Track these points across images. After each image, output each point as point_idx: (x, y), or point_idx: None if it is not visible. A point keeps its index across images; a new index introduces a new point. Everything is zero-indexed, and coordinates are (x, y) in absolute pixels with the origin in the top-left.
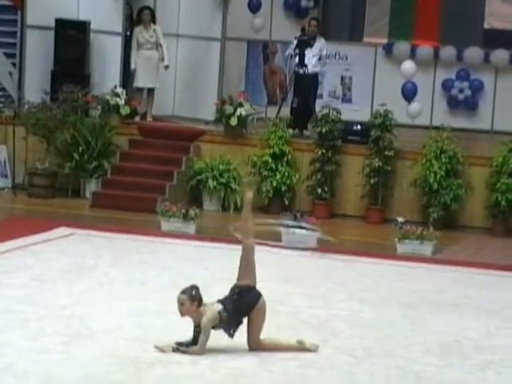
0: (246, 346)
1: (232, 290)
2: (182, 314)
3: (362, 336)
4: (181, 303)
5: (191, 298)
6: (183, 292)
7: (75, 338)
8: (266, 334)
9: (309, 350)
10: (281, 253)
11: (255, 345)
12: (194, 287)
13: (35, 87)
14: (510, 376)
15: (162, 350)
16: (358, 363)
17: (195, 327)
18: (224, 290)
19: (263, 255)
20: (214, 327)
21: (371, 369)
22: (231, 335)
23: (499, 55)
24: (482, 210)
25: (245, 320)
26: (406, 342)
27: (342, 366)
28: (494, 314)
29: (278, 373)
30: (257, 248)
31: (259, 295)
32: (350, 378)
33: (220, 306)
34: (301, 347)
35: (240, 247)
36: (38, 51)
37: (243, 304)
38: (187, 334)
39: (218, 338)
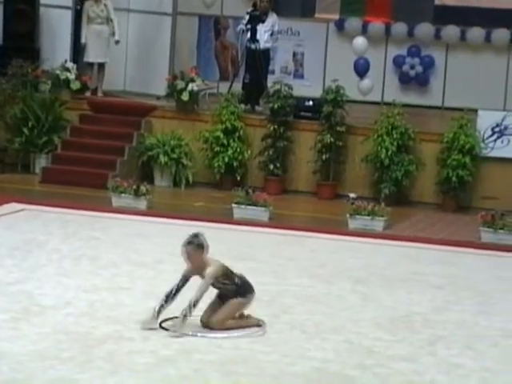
0: (196, 323)
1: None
2: (193, 264)
3: (312, 311)
4: (188, 255)
5: (197, 246)
6: (189, 243)
7: (24, 315)
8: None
9: (257, 325)
10: (232, 229)
11: (217, 325)
12: (198, 234)
13: None
14: (459, 350)
15: (149, 326)
16: (308, 338)
17: (183, 276)
18: (175, 267)
19: (214, 231)
20: (213, 284)
21: (322, 344)
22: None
23: (450, 32)
24: (433, 185)
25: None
26: (356, 317)
27: (292, 341)
28: (443, 288)
29: (229, 348)
30: (208, 225)
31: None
32: (300, 353)
33: (220, 262)
34: (255, 322)
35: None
36: None
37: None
38: (135, 311)
39: (170, 313)
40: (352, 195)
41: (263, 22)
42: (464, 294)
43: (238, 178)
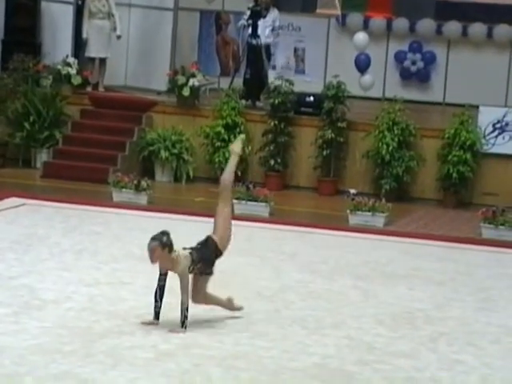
0: (197, 318)
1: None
2: (153, 261)
3: (313, 307)
4: (152, 250)
5: (162, 245)
6: (153, 239)
7: (26, 309)
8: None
9: (237, 309)
10: (232, 224)
11: (202, 299)
12: (165, 233)
13: None
14: (461, 347)
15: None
16: (309, 334)
17: (161, 275)
18: None
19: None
20: (189, 270)
21: (322, 340)
22: (211, 273)
23: (452, 27)
24: (434, 181)
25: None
26: (357, 313)
27: (293, 337)
28: (444, 285)
29: (230, 344)
30: (208, 220)
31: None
32: (301, 349)
33: (188, 251)
34: (229, 305)
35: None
36: None
37: (207, 253)
38: (136, 305)
39: (170, 309)
40: (353, 191)
41: (264, 17)
42: (465, 290)
43: (239, 174)
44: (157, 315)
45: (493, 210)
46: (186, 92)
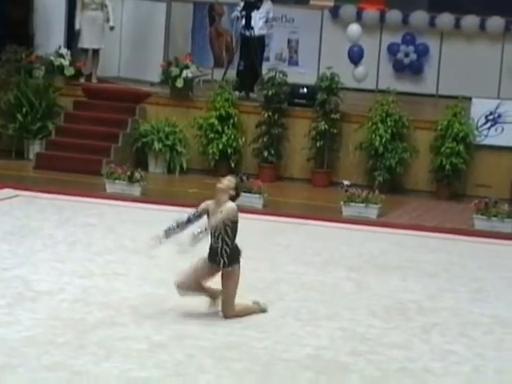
0: (189, 309)
1: None
2: (221, 189)
3: (306, 299)
4: (227, 184)
5: (236, 187)
6: (234, 177)
7: (19, 301)
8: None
9: (263, 311)
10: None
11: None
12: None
13: None
14: (454, 338)
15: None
16: (303, 325)
17: (196, 214)
18: (168, 253)
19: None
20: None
21: (316, 331)
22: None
23: (445, 19)
24: (427, 173)
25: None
26: (351, 305)
27: (287, 328)
28: (437, 276)
29: (222, 334)
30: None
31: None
32: (294, 340)
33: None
34: (259, 308)
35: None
36: None
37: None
38: (129, 296)
39: (164, 299)
40: (346, 182)
41: (258, 8)
42: (458, 281)
43: (233, 165)
44: (167, 234)
45: (485, 202)
46: (179, 83)
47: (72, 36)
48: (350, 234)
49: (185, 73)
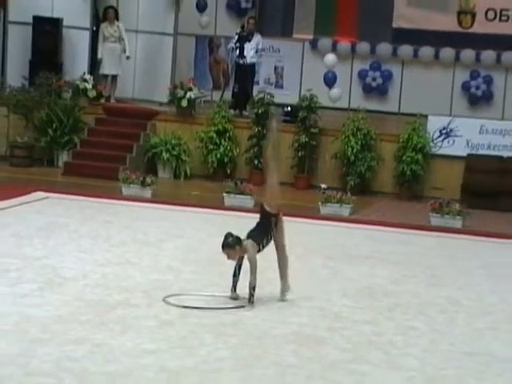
0: (195, 293)
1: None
2: (232, 258)
3: (290, 283)
4: (228, 255)
5: (232, 247)
6: (224, 246)
7: (49, 285)
8: (208, 281)
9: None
10: (223, 214)
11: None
12: (228, 235)
13: (16, 74)
14: (413, 315)
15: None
16: (287, 305)
17: (238, 260)
18: (175, 245)
19: (207, 216)
20: (259, 250)
21: (298, 311)
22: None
23: (405, 50)
24: (391, 178)
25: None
26: (327, 288)
27: (273, 308)
28: (400, 264)
29: (220, 312)
30: (202, 210)
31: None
32: (280, 319)
33: (251, 241)
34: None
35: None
36: (18, 43)
37: (263, 228)
38: (141, 281)
39: (171, 284)
40: (323, 186)
41: (250, 40)
42: (417, 268)
43: (228, 172)
44: (234, 288)
45: (439, 202)
46: (184, 103)
47: (94, 64)
48: (326, 230)
49: (188, 94)
